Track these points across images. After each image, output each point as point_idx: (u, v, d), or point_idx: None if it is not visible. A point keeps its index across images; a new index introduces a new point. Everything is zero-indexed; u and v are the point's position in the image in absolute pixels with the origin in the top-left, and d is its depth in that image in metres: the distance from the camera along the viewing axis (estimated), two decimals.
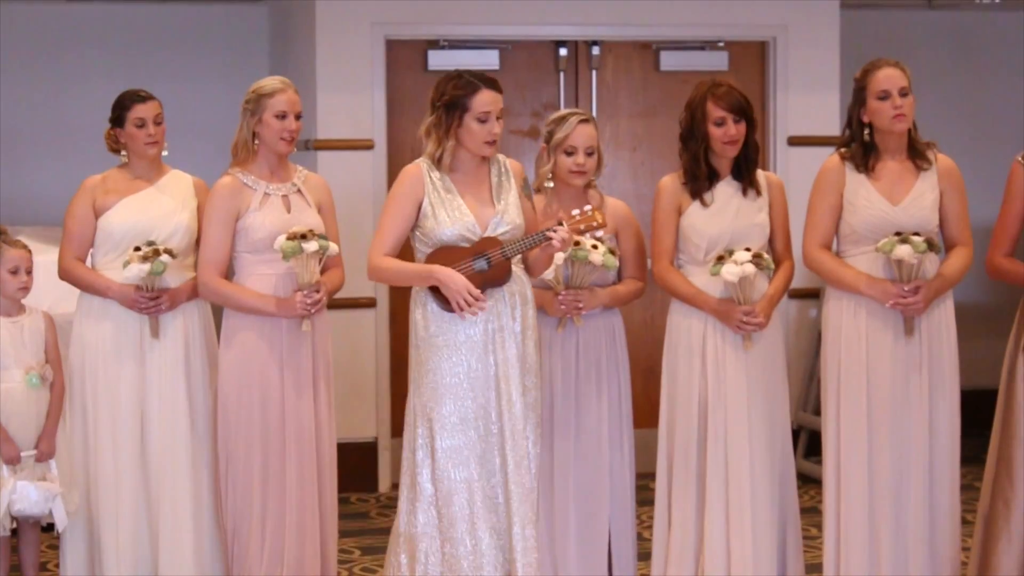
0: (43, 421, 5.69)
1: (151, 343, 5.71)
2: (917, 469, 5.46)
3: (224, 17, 8.77)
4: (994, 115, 9.42)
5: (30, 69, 8.55)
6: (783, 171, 8.22)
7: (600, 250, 5.49)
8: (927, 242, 5.38)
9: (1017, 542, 5.47)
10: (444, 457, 5.22)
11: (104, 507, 5.71)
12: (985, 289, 8.36)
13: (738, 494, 5.48)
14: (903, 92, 5.42)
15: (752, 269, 5.41)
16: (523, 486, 5.22)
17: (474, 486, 5.22)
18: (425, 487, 5.25)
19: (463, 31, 8.15)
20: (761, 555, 5.50)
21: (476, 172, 5.33)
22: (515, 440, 5.23)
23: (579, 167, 5.56)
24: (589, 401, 5.61)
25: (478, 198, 5.30)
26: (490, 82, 5.27)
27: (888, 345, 5.46)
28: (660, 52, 8.34)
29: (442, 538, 5.23)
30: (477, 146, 5.26)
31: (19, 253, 5.71)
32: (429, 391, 5.25)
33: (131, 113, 5.73)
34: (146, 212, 5.73)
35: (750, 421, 5.50)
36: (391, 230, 5.30)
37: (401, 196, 5.29)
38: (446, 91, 5.24)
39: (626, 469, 5.65)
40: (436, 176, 5.28)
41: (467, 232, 5.24)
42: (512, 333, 5.25)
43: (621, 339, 5.69)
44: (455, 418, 5.23)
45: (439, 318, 5.25)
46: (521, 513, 5.21)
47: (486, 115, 5.22)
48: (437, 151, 5.27)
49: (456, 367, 5.24)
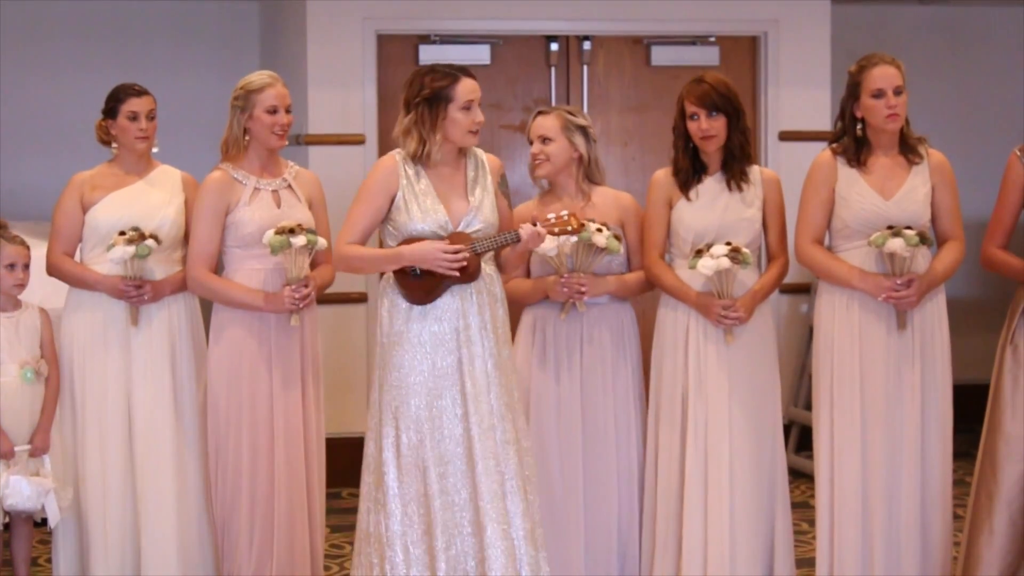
0: (37, 416, 5.69)
1: (137, 336, 5.70)
2: (909, 463, 5.46)
3: (216, 12, 8.76)
4: (986, 109, 9.43)
5: (23, 64, 8.54)
6: (774, 166, 8.22)
7: (604, 233, 5.49)
8: (919, 235, 5.39)
9: (999, 535, 5.49)
10: (411, 455, 5.13)
11: (92, 502, 5.71)
12: (978, 283, 8.39)
13: (717, 489, 5.48)
14: (898, 91, 5.43)
15: (727, 263, 5.41)
16: (492, 487, 5.11)
17: (440, 485, 5.11)
18: (391, 486, 5.14)
19: (454, 26, 8.15)
20: (740, 551, 5.50)
21: (453, 166, 5.26)
22: (483, 440, 5.12)
23: (534, 156, 5.62)
24: (595, 395, 5.60)
25: (452, 194, 5.23)
26: (466, 71, 5.21)
27: (881, 339, 5.47)
28: (651, 47, 8.34)
29: (411, 538, 5.12)
30: (462, 136, 5.19)
31: (17, 249, 5.71)
32: (394, 388, 5.16)
33: (125, 106, 5.73)
34: (133, 206, 5.72)
35: (731, 415, 5.50)
36: (360, 220, 5.22)
37: (374, 188, 5.22)
38: (424, 85, 5.15)
39: (634, 466, 5.63)
40: (411, 170, 5.21)
41: (439, 228, 5.16)
42: (479, 331, 5.17)
43: (631, 333, 5.68)
44: (421, 415, 5.13)
45: (405, 313, 5.17)
46: (493, 514, 5.10)
47: (470, 103, 5.16)
48: (422, 149, 5.18)
49: (422, 364, 5.15)
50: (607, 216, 5.60)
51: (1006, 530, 5.49)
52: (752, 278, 5.56)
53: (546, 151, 5.61)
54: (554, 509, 5.53)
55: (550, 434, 5.57)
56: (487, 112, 8.25)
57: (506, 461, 5.15)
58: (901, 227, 5.39)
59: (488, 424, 5.13)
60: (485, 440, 5.13)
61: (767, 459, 5.57)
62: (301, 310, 5.55)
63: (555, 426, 5.57)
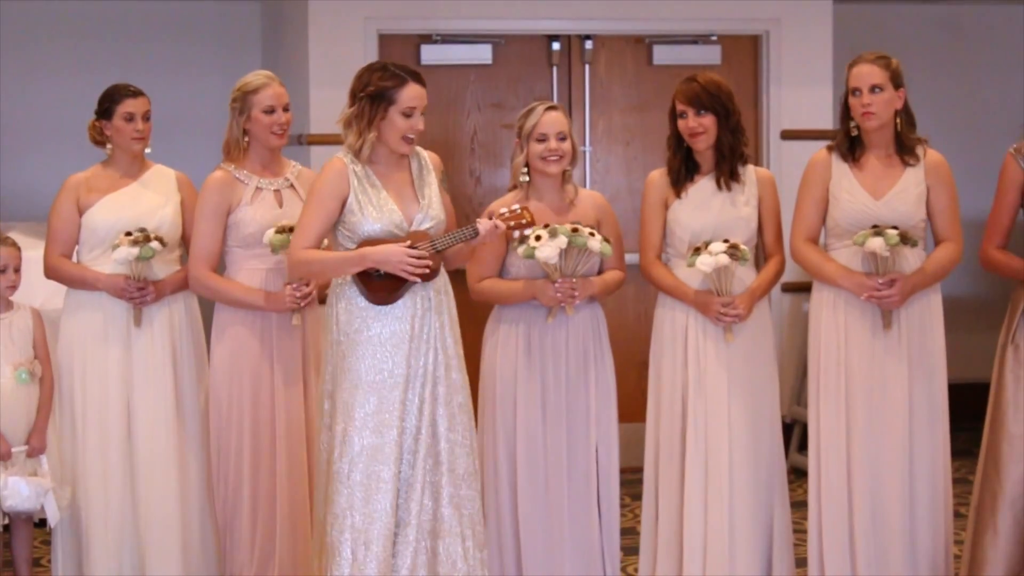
0: (33, 417, 5.70)
1: (137, 335, 5.70)
2: (896, 463, 5.45)
3: (217, 12, 8.77)
4: (987, 108, 9.42)
5: (22, 63, 8.55)
6: (775, 165, 8.23)
7: (597, 238, 5.49)
8: (901, 236, 5.38)
9: (1004, 536, 5.49)
10: (365, 456, 5.06)
11: (93, 503, 5.71)
12: (978, 282, 8.38)
13: (717, 488, 5.48)
14: (874, 89, 5.41)
15: (726, 260, 5.41)
16: (451, 487, 5.11)
17: (393, 486, 5.07)
18: (342, 488, 5.07)
19: (456, 25, 8.16)
20: (739, 549, 5.50)
21: (396, 165, 5.21)
22: (442, 441, 5.12)
23: (551, 152, 5.55)
24: (578, 394, 5.60)
25: (401, 193, 5.18)
26: (417, 76, 5.14)
27: (866, 338, 5.47)
28: (653, 46, 8.34)
29: (363, 540, 5.05)
30: (396, 140, 5.12)
31: (8, 251, 5.72)
32: (350, 388, 5.10)
33: (121, 107, 5.72)
34: (130, 208, 5.72)
35: (730, 414, 5.50)
36: (313, 225, 5.12)
37: (325, 192, 5.12)
38: (371, 81, 5.10)
39: (613, 464, 5.64)
40: (359, 170, 5.14)
41: (394, 228, 5.11)
42: (438, 328, 5.14)
43: (604, 331, 5.68)
44: (377, 417, 5.07)
45: (363, 313, 5.12)
46: (448, 517, 5.10)
47: (411, 110, 5.10)
48: (357, 142, 5.12)
49: (381, 363, 5.10)
50: (587, 216, 5.59)
51: (1010, 531, 5.50)
52: (750, 276, 5.57)
53: (563, 148, 5.59)
54: (540, 511, 5.54)
55: (535, 436, 5.56)
56: (488, 112, 8.36)
57: (454, 461, 5.14)
58: (885, 227, 5.39)
59: (445, 425, 5.12)
60: (441, 443, 5.12)
61: (765, 457, 5.57)
62: (302, 309, 5.56)
63: (540, 428, 5.56)
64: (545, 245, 5.39)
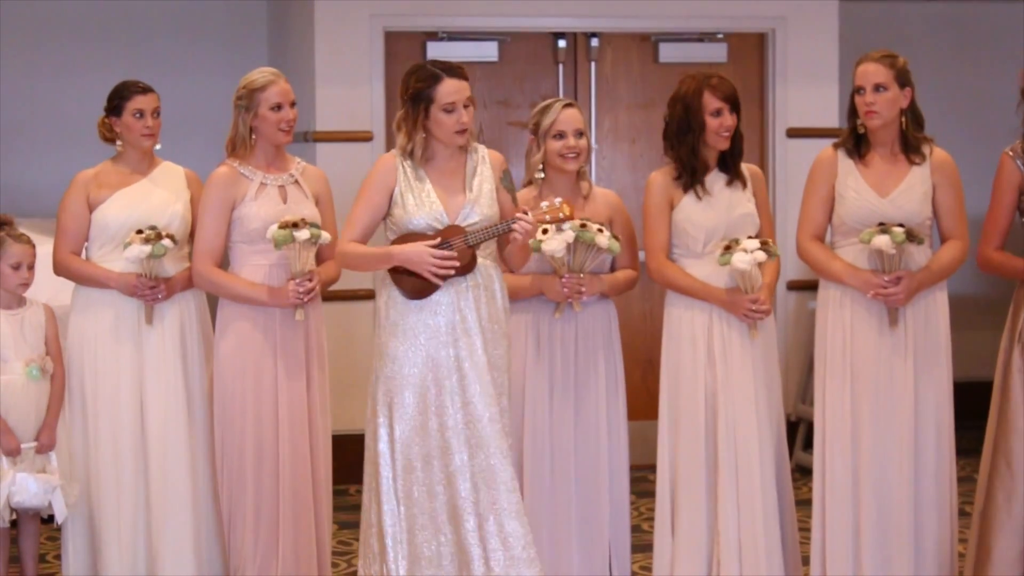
0: (43, 413, 5.70)
1: (147, 331, 5.70)
2: (901, 461, 5.45)
3: (223, 10, 8.78)
4: (993, 107, 9.38)
5: (29, 61, 8.56)
6: (781, 163, 8.23)
7: (606, 234, 5.49)
8: (907, 233, 5.38)
9: (1018, 535, 5.47)
10: (405, 448, 5.14)
11: (105, 500, 5.71)
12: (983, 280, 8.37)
13: (748, 485, 5.47)
14: (877, 88, 5.41)
15: (763, 256, 5.42)
16: (487, 479, 5.12)
17: (432, 478, 5.13)
18: (386, 477, 5.16)
19: (462, 23, 8.16)
20: (772, 545, 5.49)
21: (452, 162, 5.26)
22: (477, 433, 5.13)
23: (570, 149, 5.56)
24: (588, 391, 5.60)
25: (450, 187, 5.23)
26: (453, 70, 5.19)
27: (872, 336, 5.47)
28: (659, 44, 8.34)
29: (407, 531, 5.14)
30: (448, 136, 5.19)
31: (22, 248, 5.72)
32: (388, 379, 5.18)
33: (130, 103, 5.73)
34: (141, 204, 5.73)
35: (758, 411, 5.50)
36: (361, 218, 5.24)
37: (373, 185, 5.24)
38: (410, 84, 5.18)
39: (623, 461, 5.64)
40: (409, 165, 5.22)
41: (434, 220, 5.17)
42: (475, 324, 5.16)
43: (616, 329, 5.68)
44: (414, 408, 5.14)
45: (402, 305, 5.18)
46: (487, 504, 5.11)
47: (451, 105, 5.15)
48: (408, 145, 5.21)
49: (416, 356, 5.16)
50: (599, 213, 5.60)
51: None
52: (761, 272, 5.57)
53: (580, 145, 5.60)
54: (547, 507, 5.54)
55: (543, 432, 5.57)
56: (494, 109, 8.37)
57: (488, 457, 5.13)
58: (892, 225, 5.39)
59: (475, 419, 5.13)
60: (471, 435, 5.13)
61: (777, 455, 5.57)
62: (305, 304, 5.56)
63: (548, 424, 5.57)
64: (551, 238, 5.39)
